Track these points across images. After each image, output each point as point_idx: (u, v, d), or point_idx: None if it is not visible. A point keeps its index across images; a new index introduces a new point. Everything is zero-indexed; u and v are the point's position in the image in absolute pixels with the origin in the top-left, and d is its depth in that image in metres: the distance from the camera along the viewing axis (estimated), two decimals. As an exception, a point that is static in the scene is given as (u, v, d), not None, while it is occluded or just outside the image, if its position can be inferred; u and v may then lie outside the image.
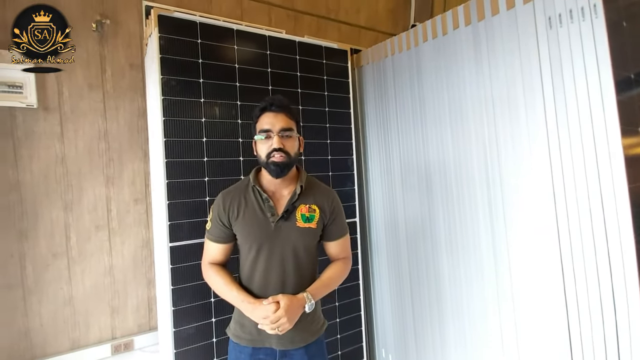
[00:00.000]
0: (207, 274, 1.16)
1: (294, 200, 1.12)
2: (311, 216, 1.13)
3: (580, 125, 1.06)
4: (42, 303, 1.90)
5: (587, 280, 1.07)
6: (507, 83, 1.25)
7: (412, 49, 1.61)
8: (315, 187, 1.19)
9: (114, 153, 2.10)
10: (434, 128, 1.55)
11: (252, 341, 1.12)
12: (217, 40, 1.53)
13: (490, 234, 1.35)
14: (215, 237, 1.15)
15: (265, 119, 1.10)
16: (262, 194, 1.11)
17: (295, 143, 1.11)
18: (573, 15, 1.06)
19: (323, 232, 1.18)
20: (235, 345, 1.15)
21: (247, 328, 1.12)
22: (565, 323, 1.14)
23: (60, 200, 1.95)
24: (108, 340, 2.08)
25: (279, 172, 1.08)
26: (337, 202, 1.20)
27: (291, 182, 1.15)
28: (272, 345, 1.11)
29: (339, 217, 1.20)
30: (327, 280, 1.15)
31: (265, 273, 1.10)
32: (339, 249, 1.21)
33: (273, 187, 1.14)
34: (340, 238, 1.20)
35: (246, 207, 1.12)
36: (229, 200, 1.13)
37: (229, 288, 1.10)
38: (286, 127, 1.09)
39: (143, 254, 2.19)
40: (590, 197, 1.05)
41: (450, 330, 1.55)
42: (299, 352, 1.13)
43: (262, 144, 1.10)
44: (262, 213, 1.11)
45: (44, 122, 1.91)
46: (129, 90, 2.13)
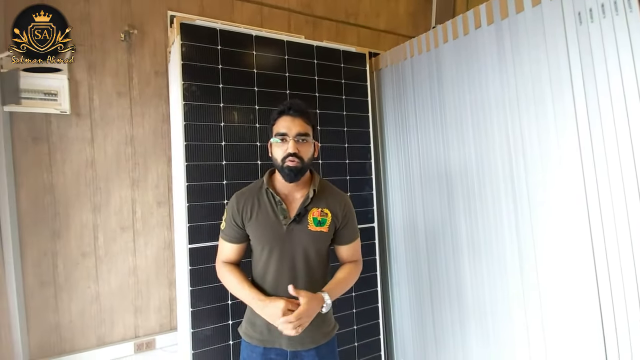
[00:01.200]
0: (220, 272, 1.18)
1: (307, 204, 1.12)
2: (323, 220, 1.13)
3: (615, 120, 0.99)
4: (71, 300, 1.99)
5: (623, 281, 0.99)
6: (532, 80, 1.19)
7: (432, 50, 1.57)
8: (328, 191, 1.19)
9: (140, 157, 2.18)
10: (454, 129, 1.50)
11: (263, 341, 1.13)
12: (236, 47, 1.56)
13: (515, 234, 1.29)
14: (229, 237, 1.17)
15: (282, 122, 1.11)
16: (275, 196, 1.12)
17: (310, 148, 1.11)
18: (605, 10, 0.99)
19: (335, 236, 1.17)
20: (247, 345, 1.17)
21: (258, 327, 1.13)
22: (600, 327, 1.06)
23: (90, 202, 2.05)
24: (131, 339, 2.14)
25: (292, 177, 1.08)
26: (350, 207, 1.20)
27: (304, 186, 1.15)
28: (282, 345, 1.12)
29: (351, 222, 1.19)
30: (341, 281, 1.14)
31: (277, 274, 1.11)
32: (350, 253, 1.21)
33: (286, 190, 1.15)
34: (351, 242, 1.20)
35: (259, 209, 1.13)
36: (242, 201, 1.15)
37: (242, 286, 1.11)
38: (302, 132, 1.09)
39: (165, 255, 2.25)
40: (626, 194, 0.97)
41: (472, 338, 1.49)
42: (309, 353, 1.13)
43: (277, 147, 1.10)
44: (274, 215, 1.12)
45: (76, 127, 2.01)
46: (154, 97, 2.21)
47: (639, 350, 0.97)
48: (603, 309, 1.04)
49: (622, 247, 0.99)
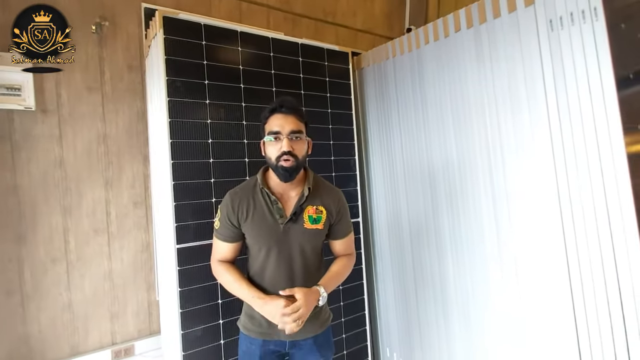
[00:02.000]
0: (217, 271, 1.17)
1: (302, 202, 1.13)
2: (318, 217, 1.14)
3: (583, 123, 1.09)
4: (40, 309, 1.87)
5: (592, 273, 1.11)
6: (509, 83, 1.29)
7: (414, 50, 1.64)
8: (322, 187, 1.20)
9: (113, 156, 2.08)
10: (436, 128, 1.57)
11: (262, 334, 1.14)
12: (221, 42, 1.54)
13: (494, 226, 1.38)
14: (224, 237, 1.15)
15: (274, 120, 1.10)
16: (270, 195, 1.12)
17: (304, 146, 1.12)
18: (574, 18, 1.10)
19: (329, 231, 1.20)
20: (245, 337, 1.17)
21: (256, 320, 1.14)
22: (572, 311, 1.17)
23: (59, 204, 1.92)
24: (108, 346, 2.05)
25: (287, 176, 1.08)
26: (343, 202, 1.22)
27: (299, 184, 1.16)
28: (280, 337, 1.13)
29: (345, 217, 1.22)
30: (335, 274, 1.18)
31: (275, 272, 1.12)
32: (345, 247, 1.24)
33: (281, 189, 1.15)
34: (345, 237, 1.23)
35: (255, 209, 1.12)
36: (237, 201, 1.13)
37: (239, 284, 1.11)
38: (296, 130, 1.09)
39: (143, 258, 2.16)
40: (593, 193, 1.08)
41: (455, 326, 1.58)
42: (307, 342, 1.15)
43: (271, 145, 1.10)
44: (270, 215, 1.12)
45: (42, 124, 1.88)
46: (128, 93, 2.11)
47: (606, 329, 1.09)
48: (574, 295, 1.15)
49: (589, 234, 1.10)
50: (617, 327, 1.07)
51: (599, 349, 1.11)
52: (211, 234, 1.51)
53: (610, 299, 1.08)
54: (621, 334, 1.07)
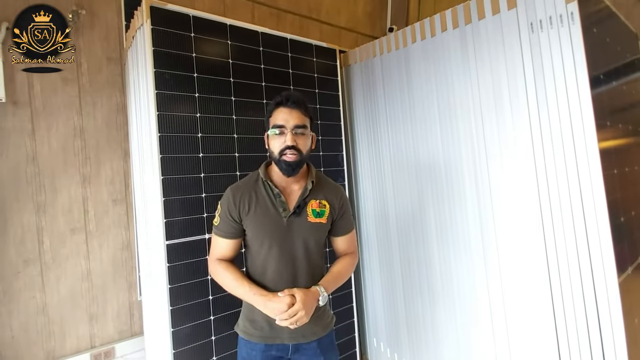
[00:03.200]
0: (215, 270, 1.13)
1: (305, 196, 1.12)
2: (321, 211, 1.13)
3: (560, 120, 1.17)
4: (12, 314, 1.76)
5: (568, 259, 1.19)
6: (492, 82, 1.36)
7: (401, 49, 1.68)
8: (324, 182, 1.20)
9: (91, 151, 1.99)
10: (423, 124, 1.63)
11: (264, 337, 1.11)
12: (210, 35, 1.51)
13: (478, 220, 1.45)
14: (224, 233, 1.11)
15: (279, 114, 1.08)
16: (273, 189, 1.11)
17: (308, 141, 1.11)
18: (553, 21, 1.17)
19: (332, 227, 1.19)
20: (246, 342, 1.13)
21: (258, 324, 1.11)
22: (550, 300, 1.25)
23: (32, 202, 1.82)
24: (87, 350, 1.96)
25: (290, 171, 1.07)
26: (345, 198, 1.22)
27: (301, 178, 1.15)
28: (283, 340, 1.11)
29: (347, 213, 1.22)
30: (337, 274, 1.16)
31: (278, 268, 1.09)
32: (347, 244, 1.23)
33: (284, 183, 1.13)
34: (348, 233, 1.22)
35: (257, 202, 1.10)
36: (239, 195, 1.11)
37: (240, 283, 1.08)
38: (300, 124, 1.07)
39: (123, 256, 2.09)
40: (569, 183, 1.17)
41: (441, 315, 1.64)
42: (311, 345, 1.13)
43: (275, 139, 1.07)
44: (274, 208, 1.10)
45: (12, 117, 1.77)
46: (107, 85, 2.03)
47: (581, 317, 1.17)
48: (552, 285, 1.23)
49: (565, 224, 1.18)
50: (590, 310, 1.17)
51: (576, 343, 1.20)
52: (201, 229, 1.49)
53: (584, 285, 1.17)
54: (593, 314, 1.16)
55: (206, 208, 1.46)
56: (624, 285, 1.16)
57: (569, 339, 1.22)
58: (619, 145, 1.36)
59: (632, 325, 1.20)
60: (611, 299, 1.12)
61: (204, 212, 1.45)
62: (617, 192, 1.23)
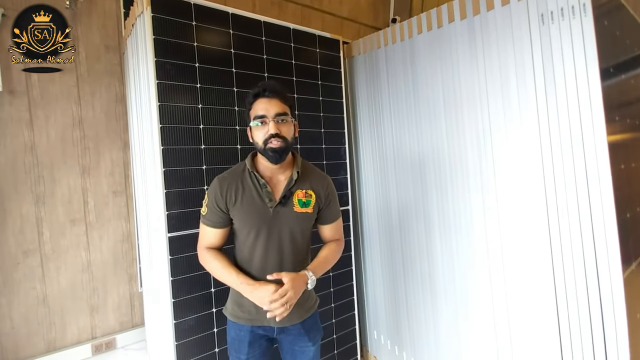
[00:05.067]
0: (204, 258, 1.15)
1: (291, 186, 1.13)
2: (307, 201, 1.15)
3: (569, 113, 1.16)
4: (12, 305, 1.76)
5: (572, 253, 1.19)
6: (500, 74, 1.33)
7: (406, 40, 1.65)
8: (311, 172, 1.20)
9: (90, 142, 1.96)
10: (427, 116, 1.61)
11: (251, 320, 1.14)
12: (212, 24, 1.47)
13: (482, 214, 1.44)
14: (212, 222, 1.13)
15: (259, 105, 1.09)
16: (259, 179, 1.11)
17: (291, 127, 1.11)
18: (564, 13, 1.15)
19: (318, 216, 1.20)
20: (234, 324, 1.17)
21: (245, 307, 1.14)
22: (553, 293, 1.25)
23: (31, 193, 1.80)
24: (88, 340, 1.97)
25: (277, 158, 1.08)
26: (332, 188, 1.23)
27: (287, 168, 1.16)
28: (270, 323, 1.14)
29: (333, 202, 1.23)
30: (324, 259, 1.19)
31: (264, 256, 1.11)
32: (333, 232, 1.25)
33: (269, 173, 1.14)
34: (334, 222, 1.24)
35: (244, 192, 1.11)
36: (225, 185, 1.12)
37: (228, 271, 1.10)
38: (281, 112, 1.08)
39: (124, 248, 2.08)
40: (576, 177, 1.16)
41: (442, 307, 1.64)
42: (295, 327, 1.17)
43: (258, 130, 1.08)
44: (260, 198, 1.11)
45: (9, 106, 1.73)
46: (106, 74, 1.99)
47: (584, 312, 1.17)
48: (556, 279, 1.23)
49: (571, 220, 1.17)
50: (594, 304, 1.17)
51: (578, 337, 1.21)
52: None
53: (588, 280, 1.17)
54: (597, 309, 1.16)
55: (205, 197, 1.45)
56: (628, 281, 1.16)
57: (571, 332, 1.23)
58: (626, 140, 1.34)
59: (634, 320, 1.20)
60: (615, 294, 1.12)
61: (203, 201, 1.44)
62: (624, 188, 1.22)
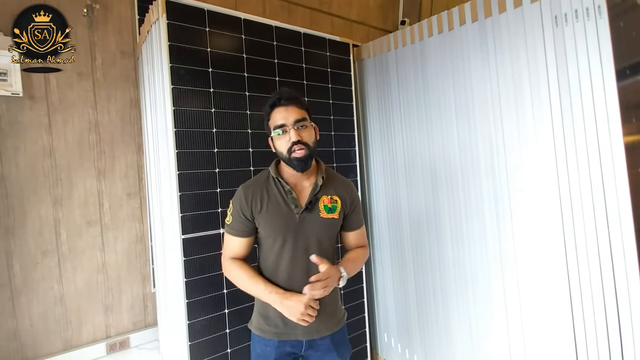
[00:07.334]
0: (229, 268, 1.13)
1: (317, 192, 1.12)
2: (333, 207, 1.14)
3: (584, 117, 1.14)
4: (31, 303, 1.81)
5: (588, 260, 1.17)
6: (513, 78, 1.32)
7: (417, 43, 1.65)
8: (334, 177, 1.20)
9: (106, 145, 2.01)
10: (439, 120, 1.60)
11: (278, 334, 1.12)
12: (225, 29, 1.50)
13: (495, 218, 1.43)
14: (237, 232, 1.12)
15: (277, 114, 1.07)
16: (284, 186, 1.11)
17: (311, 132, 1.11)
18: (578, 14, 1.14)
19: (343, 223, 1.19)
20: (260, 339, 1.14)
21: (272, 320, 1.12)
22: (568, 293, 1.23)
23: (49, 195, 1.85)
24: (102, 339, 2.01)
25: (302, 166, 1.07)
26: (356, 193, 1.22)
27: (312, 174, 1.15)
28: (297, 337, 1.12)
29: (358, 208, 1.22)
30: (353, 260, 1.17)
31: (291, 264, 1.10)
32: (358, 239, 1.24)
33: (294, 180, 1.14)
34: (359, 228, 1.23)
35: (269, 200, 1.11)
36: (250, 193, 1.11)
37: (255, 281, 1.09)
38: (300, 118, 1.07)
39: (137, 249, 2.12)
40: (592, 184, 1.14)
41: (454, 311, 1.63)
42: (325, 341, 1.14)
43: (279, 139, 1.08)
44: (285, 205, 1.10)
45: (30, 111, 1.79)
46: (121, 80, 2.04)
47: (600, 319, 1.15)
48: (571, 286, 1.21)
49: (587, 226, 1.15)
50: (611, 310, 1.15)
51: (594, 343, 1.19)
52: (216, 224, 1.50)
53: (605, 286, 1.15)
54: (613, 314, 1.14)
55: (221, 203, 1.46)
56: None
57: (587, 338, 1.21)
58: (642, 143, 1.32)
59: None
60: (633, 302, 1.10)
61: (218, 207, 1.46)
62: (640, 192, 1.20)
